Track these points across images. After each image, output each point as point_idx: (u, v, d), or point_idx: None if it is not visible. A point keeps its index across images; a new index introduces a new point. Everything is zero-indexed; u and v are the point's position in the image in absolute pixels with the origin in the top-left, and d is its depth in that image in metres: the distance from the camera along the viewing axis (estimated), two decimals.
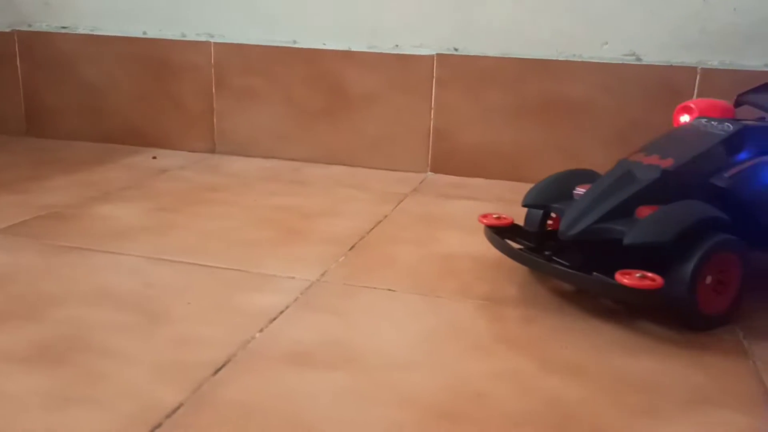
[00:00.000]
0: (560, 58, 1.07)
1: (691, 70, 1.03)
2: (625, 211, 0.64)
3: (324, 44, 1.15)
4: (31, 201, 0.93)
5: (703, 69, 1.03)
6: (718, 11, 1.02)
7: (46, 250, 0.77)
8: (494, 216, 0.75)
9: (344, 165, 1.18)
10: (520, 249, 0.71)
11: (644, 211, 0.63)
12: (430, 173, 1.15)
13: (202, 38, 1.20)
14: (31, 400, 0.49)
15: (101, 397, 0.50)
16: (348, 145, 1.17)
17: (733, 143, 0.69)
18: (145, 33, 1.23)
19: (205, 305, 0.64)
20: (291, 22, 1.17)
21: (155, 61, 1.22)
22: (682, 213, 0.62)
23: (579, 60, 1.07)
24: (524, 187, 0.75)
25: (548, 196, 0.72)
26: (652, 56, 1.05)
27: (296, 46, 1.16)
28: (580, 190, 0.69)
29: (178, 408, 0.48)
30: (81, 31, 1.25)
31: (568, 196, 0.70)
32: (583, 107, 1.07)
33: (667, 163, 0.67)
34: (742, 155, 0.69)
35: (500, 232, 0.74)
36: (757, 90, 0.86)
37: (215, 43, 1.19)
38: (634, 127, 1.05)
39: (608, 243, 0.62)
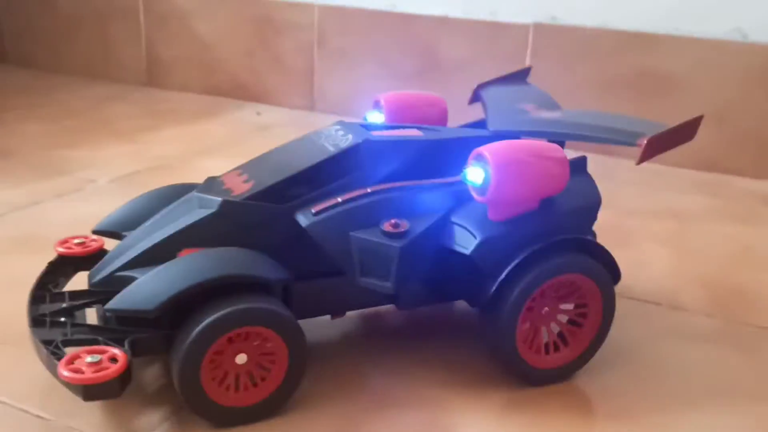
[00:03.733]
0: (659, 32, 1.05)
1: None
2: (168, 253, 0.46)
3: (421, 9, 1.18)
4: (145, 152, 1.02)
5: None
6: None
7: None
8: (76, 241, 0.53)
9: None
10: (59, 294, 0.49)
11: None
12: None
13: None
14: None
15: None
16: None
17: (340, 165, 0.49)
18: None
19: None
20: None
21: (262, 20, 1.29)
22: (191, 268, 0.44)
23: (679, 34, 1.04)
24: (615, 163, 0.63)
25: (133, 220, 0.51)
26: (759, 34, 1.00)
27: (395, 10, 1.19)
28: None
29: None
30: None
31: None
32: (677, 84, 1.05)
33: (245, 188, 0.49)
34: (350, 184, 0.49)
35: (75, 264, 0.52)
36: (494, 82, 0.67)
37: (318, 6, 1.24)
38: (730, 108, 1.02)
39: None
